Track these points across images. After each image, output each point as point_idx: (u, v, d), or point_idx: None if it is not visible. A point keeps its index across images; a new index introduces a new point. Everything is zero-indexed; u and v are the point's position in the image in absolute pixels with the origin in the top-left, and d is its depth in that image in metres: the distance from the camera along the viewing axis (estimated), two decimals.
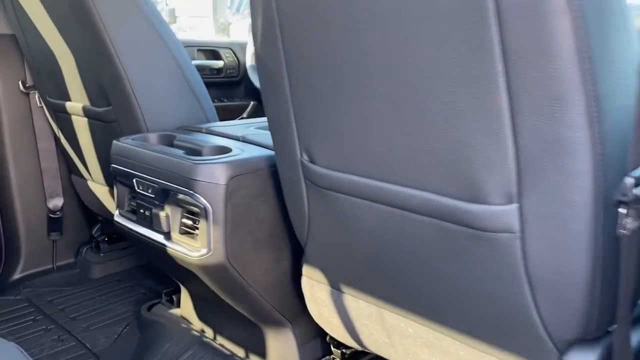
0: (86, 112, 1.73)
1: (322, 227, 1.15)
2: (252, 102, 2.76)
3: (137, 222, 1.38)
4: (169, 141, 1.43)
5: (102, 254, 2.19)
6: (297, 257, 1.35)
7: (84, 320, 1.81)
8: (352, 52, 0.88)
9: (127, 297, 1.97)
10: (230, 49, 2.68)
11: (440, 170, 0.86)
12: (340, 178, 1.02)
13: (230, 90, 2.74)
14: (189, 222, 1.27)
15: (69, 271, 2.19)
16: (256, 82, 2.42)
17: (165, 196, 1.26)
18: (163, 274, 2.12)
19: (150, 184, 1.28)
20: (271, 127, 1.15)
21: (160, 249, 1.32)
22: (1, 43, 1.97)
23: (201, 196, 1.18)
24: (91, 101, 1.70)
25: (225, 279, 1.26)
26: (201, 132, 1.50)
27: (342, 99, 0.94)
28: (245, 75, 2.73)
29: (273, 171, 1.26)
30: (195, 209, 1.22)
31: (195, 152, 1.31)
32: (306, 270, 1.26)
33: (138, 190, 1.33)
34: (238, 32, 3.27)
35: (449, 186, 0.86)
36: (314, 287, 1.26)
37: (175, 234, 1.28)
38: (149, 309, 1.78)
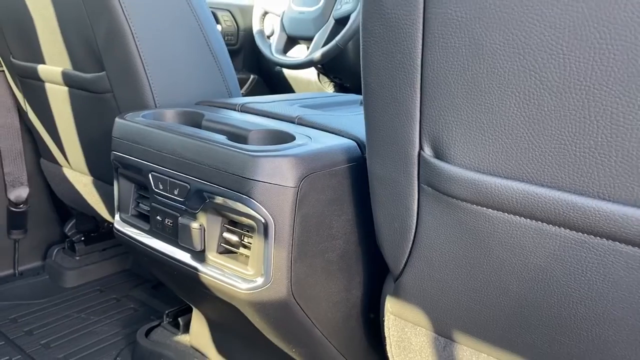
0: (67, 79, 1.31)
1: (437, 252, 0.80)
2: (252, 76, 2.37)
3: (151, 233, 0.99)
4: (193, 121, 1.04)
5: (77, 257, 1.78)
6: (371, 285, 1.00)
7: (59, 349, 1.41)
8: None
9: (113, 314, 1.58)
10: (229, 11, 2.27)
11: None
12: (497, 187, 0.67)
13: None
14: (234, 239, 0.89)
15: (35, 278, 1.77)
16: (265, 50, 2.03)
17: (200, 201, 0.88)
18: (158, 283, 1.73)
19: (178, 182, 0.90)
20: (369, 104, 0.78)
21: (187, 274, 0.94)
22: None
23: (260, 204, 0.81)
24: (74, 64, 1.29)
25: (283, 318, 0.90)
26: (234, 109, 1.11)
27: (543, 63, 0.59)
28: (245, 45, 2.33)
29: (351, 168, 0.90)
30: (248, 221, 0.85)
31: (237, 137, 0.93)
32: (393, 305, 0.91)
33: (156, 190, 0.94)
34: None
35: None
36: (406, 329, 0.92)
37: (212, 254, 0.91)
38: (147, 333, 1.40)
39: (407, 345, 0.93)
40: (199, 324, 1.30)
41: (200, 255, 0.91)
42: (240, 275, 0.87)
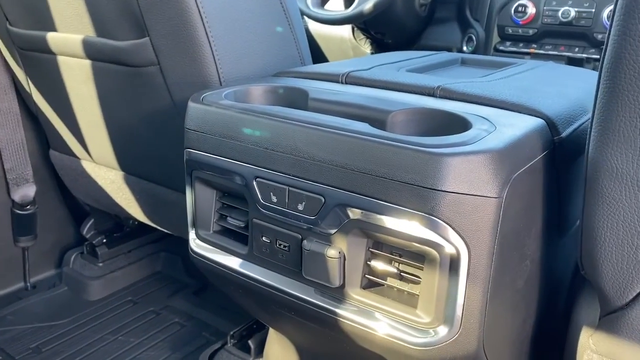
0: (89, 50, 1.00)
1: None
2: None
3: (251, 258, 0.72)
4: (291, 100, 0.76)
5: (100, 263, 1.50)
6: (547, 313, 0.76)
7: None
8: None
9: (157, 333, 1.31)
10: None
11: None
12: None
13: None
14: (390, 269, 0.63)
15: (52, 291, 1.48)
16: (300, 4, 1.72)
17: (339, 219, 0.61)
18: (199, 288, 1.47)
19: (305, 193, 0.62)
20: (619, 69, 0.52)
21: (313, 316, 0.68)
22: None
23: (450, 225, 0.55)
24: (100, 30, 0.98)
25: None
26: (337, 82, 0.83)
27: None
28: None
29: (544, 158, 0.64)
30: (418, 247, 0.58)
31: (372, 122, 0.65)
32: (600, 342, 0.67)
33: (265, 203, 0.66)
34: None
35: None
36: None
37: (354, 291, 0.64)
38: (210, 359, 1.14)
39: None
40: (278, 347, 1.04)
41: (336, 293, 0.65)
42: (405, 323, 0.61)
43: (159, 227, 1.26)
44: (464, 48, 1.68)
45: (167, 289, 1.49)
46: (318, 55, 2.07)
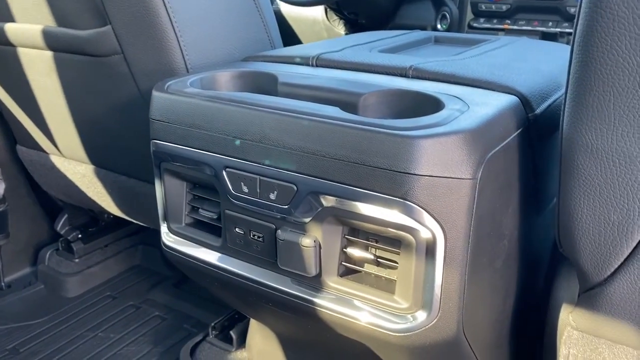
0: (50, 40, 0.96)
1: None
2: None
3: (224, 249, 0.70)
4: (259, 85, 0.74)
5: (76, 259, 1.46)
6: (526, 291, 0.76)
7: None
8: None
9: (137, 327, 1.29)
10: None
11: None
12: None
13: None
14: (366, 256, 0.61)
15: (28, 290, 1.45)
16: None
17: (313, 207, 0.59)
18: (180, 280, 1.45)
19: (277, 182, 0.60)
20: (590, 49, 0.50)
21: (290, 306, 0.67)
22: None
23: (424, 209, 0.53)
24: (60, 19, 0.94)
25: (440, 358, 0.64)
26: (308, 64, 0.80)
27: None
28: None
29: (519, 136, 0.63)
30: (395, 233, 0.57)
31: (344, 106, 0.64)
32: (579, 318, 0.67)
33: (236, 194, 0.64)
34: None
35: None
36: (600, 349, 0.68)
37: (331, 279, 0.63)
38: (192, 351, 1.13)
39: None
40: (260, 337, 1.03)
41: (313, 282, 0.63)
42: (384, 309, 0.60)
43: (133, 220, 1.23)
44: (438, 26, 1.67)
45: (146, 282, 1.47)
46: (291, 38, 2.03)
